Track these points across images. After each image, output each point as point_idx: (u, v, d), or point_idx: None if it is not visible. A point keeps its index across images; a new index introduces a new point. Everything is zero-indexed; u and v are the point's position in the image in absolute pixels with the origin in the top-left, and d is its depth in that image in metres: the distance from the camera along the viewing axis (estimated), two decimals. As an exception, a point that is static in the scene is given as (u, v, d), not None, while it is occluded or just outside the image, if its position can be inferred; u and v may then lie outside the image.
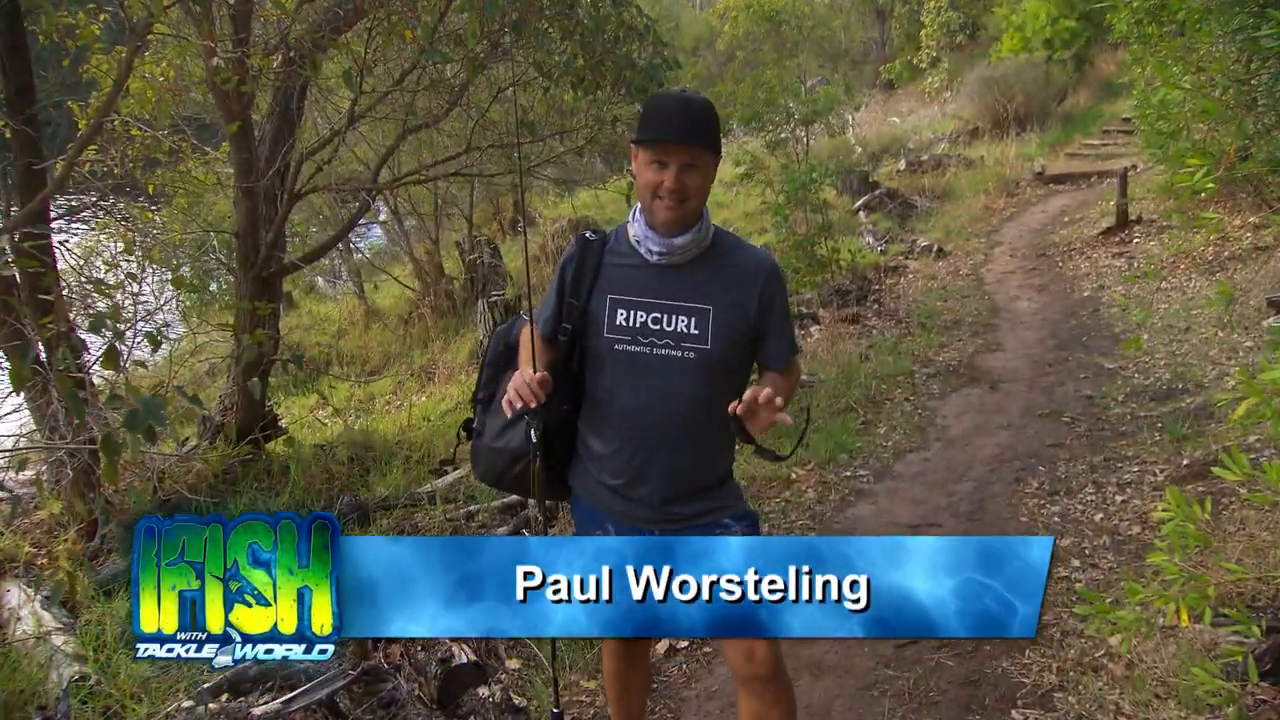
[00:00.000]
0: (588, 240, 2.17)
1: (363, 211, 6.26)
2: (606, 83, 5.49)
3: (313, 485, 5.25)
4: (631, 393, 2.08)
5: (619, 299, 2.08)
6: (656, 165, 1.99)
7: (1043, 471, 4.82)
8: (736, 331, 2.07)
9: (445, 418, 6.88)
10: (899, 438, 5.57)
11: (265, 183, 5.19)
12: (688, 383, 2.05)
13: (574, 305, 2.12)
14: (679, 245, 2.04)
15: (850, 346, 7.34)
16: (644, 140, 2.00)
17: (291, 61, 4.81)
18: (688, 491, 2.12)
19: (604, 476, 2.16)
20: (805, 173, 9.48)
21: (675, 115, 1.97)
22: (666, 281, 2.07)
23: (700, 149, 1.99)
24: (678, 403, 2.06)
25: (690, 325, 2.04)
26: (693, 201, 2.01)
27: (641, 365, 2.06)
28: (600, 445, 2.16)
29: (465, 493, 4.99)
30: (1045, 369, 6.60)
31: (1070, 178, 14.10)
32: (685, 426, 2.07)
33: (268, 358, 4.97)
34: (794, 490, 4.90)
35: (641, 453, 2.10)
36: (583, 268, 2.13)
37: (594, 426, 2.18)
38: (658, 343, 2.05)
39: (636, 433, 2.09)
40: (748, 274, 2.09)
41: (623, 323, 2.07)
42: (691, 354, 2.04)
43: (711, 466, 2.15)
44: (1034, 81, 17.21)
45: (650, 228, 2.06)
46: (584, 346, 2.14)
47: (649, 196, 2.02)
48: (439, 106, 5.90)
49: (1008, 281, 9.55)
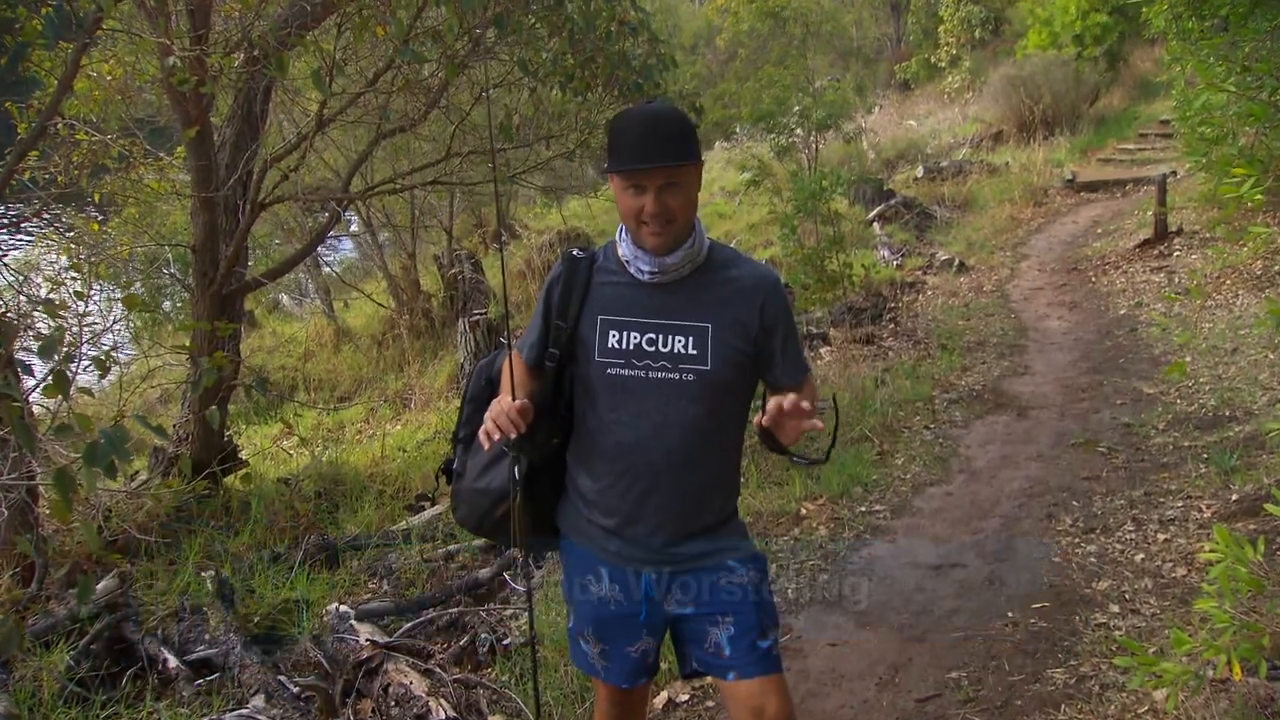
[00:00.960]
0: (575, 258, 2.17)
1: (332, 223, 6.25)
2: (598, 83, 5.52)
3: (276, 523, 5.21)
4: (625, 421, 2.07)
5: (610, 320, 2.09)
6: (633, 190, 1.99)
7: (1077, 507, 4.80)
8: (738, 350, 2.07)
9: (422, 448, 6.85)
10: (918, 469, 5.56)
11: (225, 192, 5.19)
12: (687, 408, 2.05)
13: (562, 328, 2.12)
14: (671, 264, 2.05)
15: (864, 370, 7.34)
16: (616, 169, 2.01)
17: (255, 60, 4.82)
18: (689, 531, 2.11)
19: (595, 516, 2.15)
20: (815, 181, 9.53)
21: (644, 137, 1.97)
22: (661, 300, 2.08)
23: (677, 166, 1.99)
24: (676, 430, 2.05)
25: (688, 345, 2.05)
26: (680, 220, 2.02)
27: (636, 390, 2.06)
28: (591, 481, 2.15)
29: (444, 531, 4.97)
30: (1078, 394, 6.60)
31: (1103, 185, 14.22)
32: (685, 457, 2.07)
33: (227, 383, 4.96)
34: (804, 527, 4.87)
35: (637, 488, 2.09)
36: (570, 288, 2.13)
37: (584, 461, 2.17)
38: (653, 365, 2.05)
39: (631, 465, 2.08)
40: (747, 288, 2.10)
41: (615, 345, 2.07)
42: (690, 376, 2.04)
43: (715, 502, 2.15)
44: (1063, 81, 17.35)
45: (639, 248, 2.07)
46: (574, 373, 2.15)
47: (632, 223, 2.03)
48: (415, 109, 5.92)
49: (1036, 299, 9.58)
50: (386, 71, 5.39)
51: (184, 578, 4.31)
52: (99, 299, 5.11)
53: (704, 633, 2.13)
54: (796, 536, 4.79)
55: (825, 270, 9.38)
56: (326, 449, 7.25)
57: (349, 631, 3.72)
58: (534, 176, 7.99)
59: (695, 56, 27.40)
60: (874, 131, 20.12)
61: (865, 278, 10.03)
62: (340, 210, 5.92)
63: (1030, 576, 4.13)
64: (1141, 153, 15.52)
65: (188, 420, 5.46)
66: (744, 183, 14.41)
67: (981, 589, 4.09)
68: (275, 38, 4.35)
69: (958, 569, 4.30)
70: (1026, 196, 13.97)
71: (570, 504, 2.23)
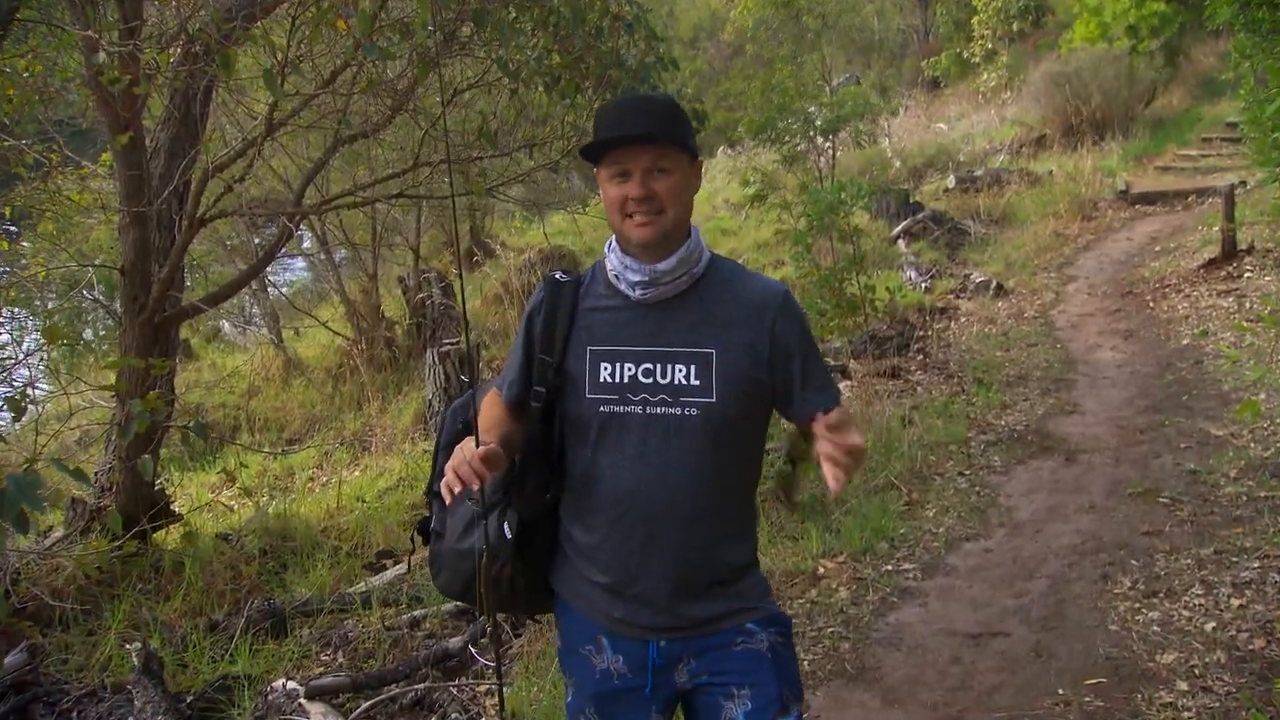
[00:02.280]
0: (558, 282, 2.18)
1: (283, 241, 6.26)
2: (587, 84, 5.57)
3: (214, 586, 5.19)
4: (622, 464, 2.07)
5: (601, 351, 2.09)
6: (619, 178, 2.02)
7: (1136, 567, 4.79)
8: (747, 379, 2.07)
9: (384, 498, 6.84)
10: (952, 522, 5.56)
11: (159, 205, 5.21)
12: (691, 447, 2.05)
13: (546, 363, 2.12)
14: (665, 271, 2.06)
15: (889, 407, 7.34)
16: (597, 147, 2.04)
17: (194, 56, 4.86)
18: (699, 587, 2.10)
19: (593, 573, 2.15)
20: (831, 193, 9.59)
21: (627, 113, 2.02)
22: (657, 323, 2.08)
23: (666, 146, 2.02)
24: (680, 473, 2.05)
25: (690, 375, 2.05)
26: (670, 211, 2.03)
27: (633, 429, 2.06)
28: (585, 534, 2.15)
29: (409, 593, 4.96)
30: (1136, 436, 6.61)
31: (1161, 197, 14.31)
32: (691, 504, 2.06)
33: (160, 425, 4.94)
34: (822, 588, 4.86)
35: (636, 540, 2.08)
36: (554, 316, 2.14)
37: (578, 512, 2.17)
38: (651, 399, 2.05)
39: (629, 515, 2.08)
40: (754, 306, 2.10)
41: (607, 379, 2.08)
42: (694, 410, 2.04)
43: (727, 553, 2.13)
44: (1115, 78, 17.48)
45: (628, 255, 2.08)
46: (563, 413, 2.15)
47: (618, 217, 2.05)
48: (379, 113, 5.97)
49: (1086, 326, 9.62)
50: (346, 69, 5.44)
51: (105, 651, 4.28)
52: (9, 328, 5.11)
53: (718, 707, 2.11)
54: (814, 599, 4.77)
55: (844, 294, 9.41)
56: (273, 500, 7.22)
57: (298, 712, 3.69)
58: (513, 189, 8.04)
59: (695, 51, 27.69)
60: (898, 136, 20.29)
61: (890, 303, 10.06)
62: (292, 226, 5.93)
63: (1083, 647, 4.10)
64: (1205, 160, 15.62)
65: (113, 468, 5.43)
66: (749, 196, 14.51)
67: (1027, 661, 4.06)
68: (218, 30, 4.38)
69: (999, 638, 4.27)
70: (1073, 210, 14.06)
71: (566, 562, 2.22)
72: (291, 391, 11.99)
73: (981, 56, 22.72)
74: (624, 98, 2.10)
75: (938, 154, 18.93)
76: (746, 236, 15.72)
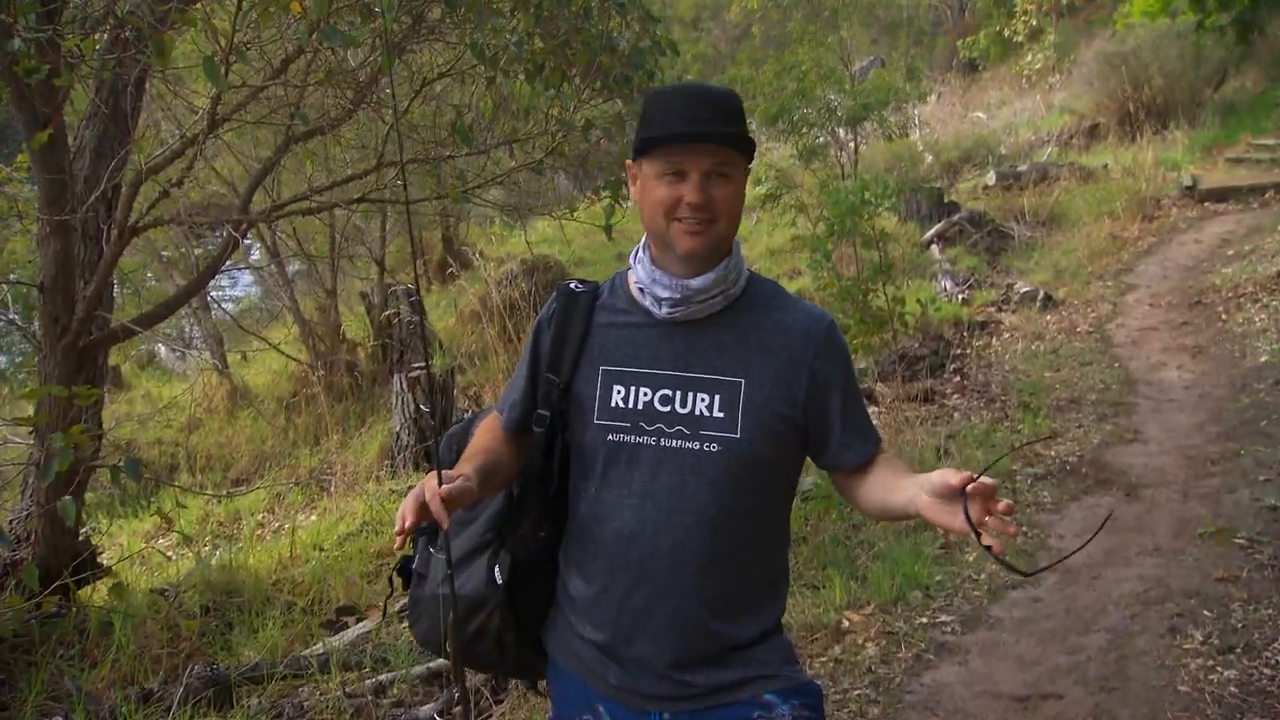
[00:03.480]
0: (572, 292, 2.19)
1: (227, 253, 6.27)
2: (574, 73, 5.58)
3: (148, 650, 5.15)
4: (627, 503, 2.06)
5: (615, 371, 2.10)
6: (671, 178, 2.01)
7: (1209, 619, 4.76)
8: (777, 417, 2.07)
9: (345, 545, 6.81)
10: (996, 568, 5.53)
11: (85, 213, 5.20)
12: (706, 488, 2.04)
13: (553, 383, 2.14)
14: (698, 289, 2.05)
15: (922, 436, 7.35)
16: (650, 144, 2.03)
17: (125, 43, 4.86)
18: (709, 652, 2.08)
19: (586, 630, 2.14)
20: (854, 192, 9.61)
21: (690, 106, 2.02)
22: (680, 344, 2.09)
23: (729, 150, 2.02)
24: (690, 517, 2.04)
25: (713, 405, 2.05)
26: (723, 223, 2.04)
27: (644, 463, 2.06)
28: (583, 584, 2.14)
29: (374, 654, 4.94)
30: (1206, 468, 6.60)
31: (1234, 193, 14.35)
32: (700, 553, 2.05)
33: (86, 464, 4.91)
34: (847, 645, 4.84)
35: (638, 593, 2.07)
36: (566, 330, 2.15)
37: (576, 557, 2.16)
38: (667, 430, 2.05)
39: (631, 562, 2.07)
40: (794, 336, 2.10)
41: (619, 404, 2.08)
42: (714, 446, 2.04)
43: (744, 614, 2.12)
44: (1178, 59, 17.55)
45: (659, 267, 2.08)
46: (567, 441, 2.15)
47: (663, 221, 2.04)
48: (338, 106, 5.97)
49: (1148, 342, 9.64)
50: (300, 57, 5.45)
51: (21, 726, 4.25)
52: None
53: None
54: (837, 657, 4.74)
55: (869, 308, 9.43)
56: (217, 549, 7.19)
57: (244, 795, 3.66)
58: (491, 192, 8.05)
59: (698, 33, 27.86)
60: (930, 126, 20.35)
61: (922, 317, 10.08)
62: (238, 235, 5.94)
63: (1149, 711, 4.08)
64: (1285, 150, 15.61)
65: (30, 514, 5.40)
66: (761, 196, 14.54)
67: (1085, 728, 4.04)
68: (152, 13, 4.39)
69: (1051, 701, 4.25)
70: (1132, 209, 14.11)
71: (560, 616, 2.21)
72: (238, 425, 12.00)
73: (1025, 35, 22.80)
74: (682, 85, 2.12)
75: (975, 147, 19.02)
76: (758, 243, 15.75)
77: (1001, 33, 23.78)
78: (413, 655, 4.81)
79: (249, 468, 10.83)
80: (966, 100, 23.20)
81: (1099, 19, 21.35)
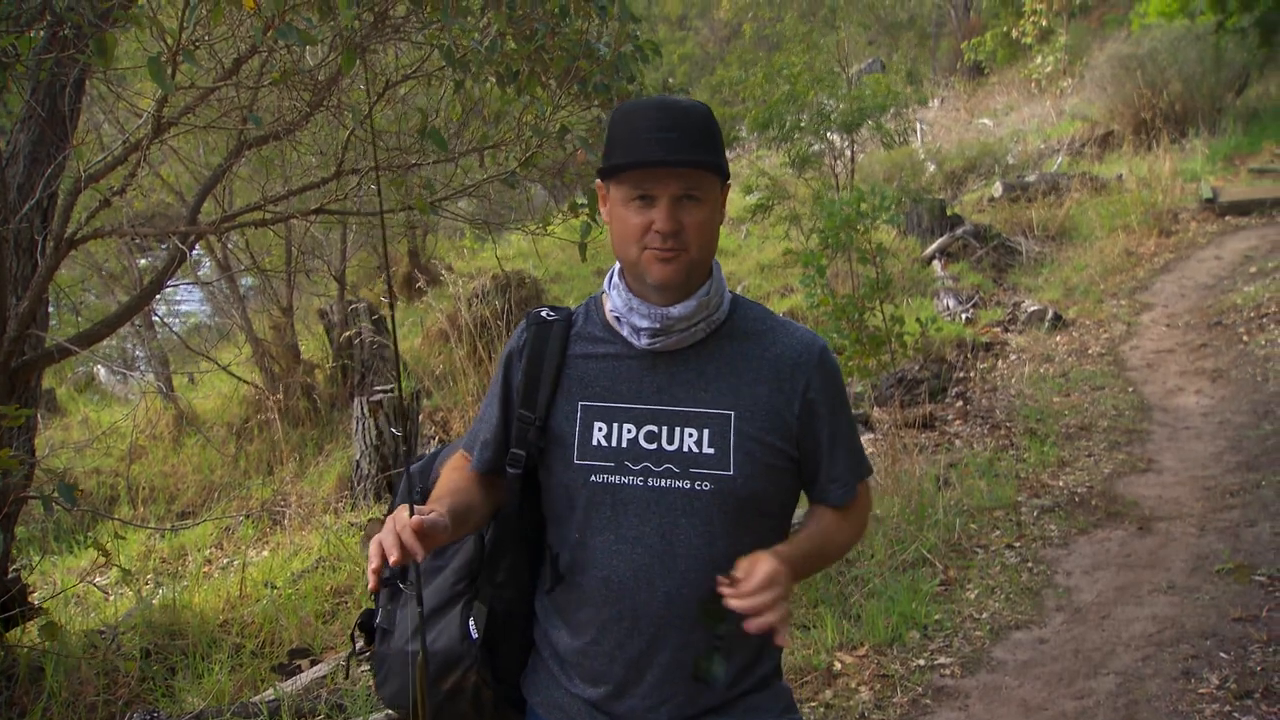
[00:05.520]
0: (544, 321, 2.19)
1: (174, 266, 6.27)
2: (550, 77, 5.61)
3: (83, 697, 5.12)
4: (616, 549, 2.07)
5: (595, 407, 2.10)
6: (639, 202, 2.02)
7: (1226, 660, 4.79)
8: (771, 450, 2.08)
9: (299, 583, 6.79)
10: (999, 606, 5.56)
11: (18, 223, 5.20)
12: (701, 530, 2.05)
13: (527, 420, 2.13)
14: (679, 317, 2.06)
15: (921, 465, 7.37)
16: (616, 169, 2.03)
17: (63, 41, 4.87)
18: (706, 705, 2.10)
19: (575, 684, 2.14)
20: (850, 203, 9.66)
21: (657, 126, 2.00)
22: (664, 376, 2.10)
23: (700, 172, 2.02)
24: (685, 562, 2.05)
25: (702, 441, 2.06)
26: (695, 250, 2.03)
27: (632, 505, 2.06)
28: (569, 636, 2.14)
29: (329, 700, 4.91)
30: (1225, 500, 6.63)
31: (1258, 205, 14.39)
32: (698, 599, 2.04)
33: (16, 493, 4.92)
34: (839, 688, 4.84)
35: (632, 644, 2.08)
36: (539, 363, 2.15)
37: (560, 607, 2.17)
38: (654, 469, 2.06)
39: (624, 612, 2.07)
40: (785, 363, 2.11)
41: (601, 442, 2.08)
42: (706, 485, 2.05)
43: (743, 660, 2.13)
44: (1198, 62, 17.57)
45: (636, 295, 2.08)
46: (545, 482, 2.15)
47: (634, 249, 2.04)
48: (295, 109, 6.00)
49: (1163, 365, 9.68)
50: (253, 56, 5.47)
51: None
52: None
53: None
54: (828, 702, 4.75)
55: (866, 328, 9.46)
56: (160, 587, 7.16)
57: None
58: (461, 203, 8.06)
59: (685, 33, 27.94)
60: (932, 133, 20.40)
61: (922, 337, 10.10)
62: (185, 248, 5.94)
63: (1160, 759, 4.12)
64: (1313, 161, 15.67)
65: (-43, 548, 5.39)
66: (751, 207, 14.58)
67: (1091, 777, 4.09)
68: (93, 10, 4.41)
69: (1057, 749, 4.28)
70: (1148, 223, 14.14)
71: (542, 668, 2.22)
72: (184, 453, 11.91)
73: (1035, 36, 22.83)
74: (649, 102, 2.07)
75: (981, 155, 19.04)
76: (747, 257, 15.75)
77: (1009, 34, 23.77)
78: (371, 701, 4.78)
79: (196, 499, 10.75)
80: (971, 106, 23.24)
81: (1113, 20, 21.41)
